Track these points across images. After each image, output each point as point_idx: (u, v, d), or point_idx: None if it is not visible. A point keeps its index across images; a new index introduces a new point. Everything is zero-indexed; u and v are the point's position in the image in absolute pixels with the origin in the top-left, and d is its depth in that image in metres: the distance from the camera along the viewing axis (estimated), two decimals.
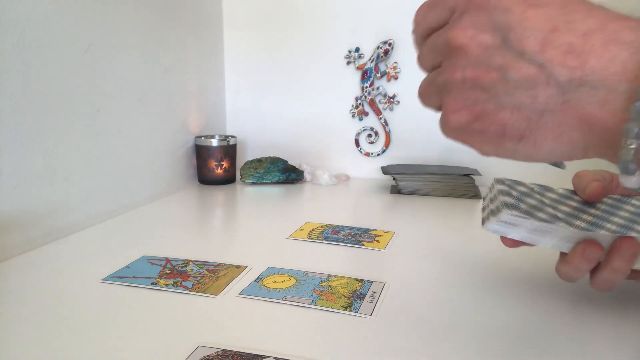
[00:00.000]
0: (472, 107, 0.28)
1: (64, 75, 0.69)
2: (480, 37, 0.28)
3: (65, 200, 0.71)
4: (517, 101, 0.27)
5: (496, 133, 0.28)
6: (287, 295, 0.51)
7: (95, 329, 0.44)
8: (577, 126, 0.26)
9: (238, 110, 1.22)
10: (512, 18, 0.27)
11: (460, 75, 0.29)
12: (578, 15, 0.26)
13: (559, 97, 0.26)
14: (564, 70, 0.26)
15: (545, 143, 0.27)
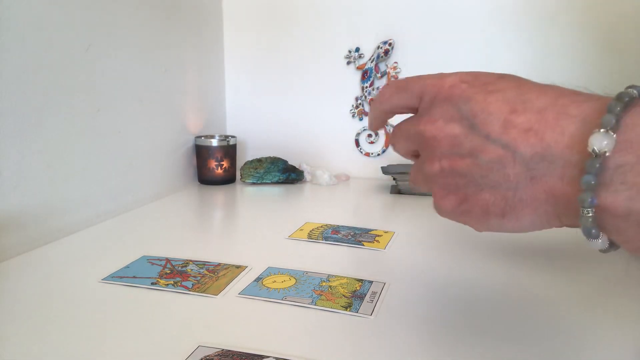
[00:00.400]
0: (456, 193, 0.31)
1: (64, 75, 0.69)
2: (449, 128, 0.31)
3: (65, 200, 0.71)
4: (492, 182, 0.29)
5: (481, 212, 0.31)
6: (287, 295, 0.51)
7: (95, 329, 0.44)
8: (545, 199, 0.28)
9: (238, 110, 1.22)
10: (475, 106, 0.30)
11: (438, 165, 0.32)
12: (532, 94, 0.29)
13: (527, 173, 0.28)
14: (526, 147, 0.28)
15: (525, 217, 0.29)
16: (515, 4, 1.02)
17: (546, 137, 0.27)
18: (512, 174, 0.28)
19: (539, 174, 0.28)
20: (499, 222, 0.30)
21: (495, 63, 1.05)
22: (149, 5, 0.88)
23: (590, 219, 0.26)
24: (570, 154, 0.26)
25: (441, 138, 0.31)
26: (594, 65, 1.00)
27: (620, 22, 0.98)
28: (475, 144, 0.29)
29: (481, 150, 0.29)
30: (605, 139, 0.25)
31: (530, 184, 0.28)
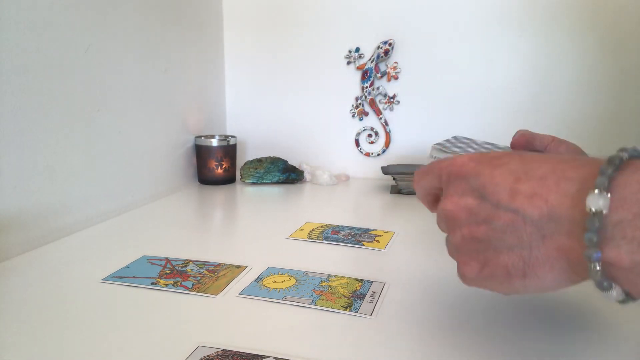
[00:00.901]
0: (476, 258, 0.34)
1: (64, 75, 0.69)
2: (463, 201, 0.34)
3: (65, 200, 0.71)
4: (508, 244, 0.32)
5: (504, 275, 0.32)
6: (287, 295, 0.51)
7: (95, 329, 0.44)
8: (558, 256, 0.30)
9: (238, 110, 1.22)
10: (484, 180, 0.34)
11: (459, 234, 0.35)
12: (534, 164, 0.32)
13: (539, 233, 0.30)
14: (533, 210, 0.30)
15: (546, 275, 0.31)
16: (515, 4, 1.02)
17: (550, 200, 0.30)
18: (525, 234, 0.31)
19: (549, 233, 0.30)
20: (522, 282, 0.32)
21: (495, 63, 1.05)
22: (149, 6, 0.88)
23: (599, 273, 0.28)
24: (574, 214, 0.29)
25: (458, 210, 0.35)
26: (594, 65, 1.00)
27: (620, 22, 0.98)
28: (488, 212, 0.33)
29: (494, 216, 0.32)
30: (600, 199, 0.27)
31: (543, 242, 0.30)
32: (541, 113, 1.04)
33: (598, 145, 0.99)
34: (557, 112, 1.03)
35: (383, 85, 1.11)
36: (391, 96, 1.11)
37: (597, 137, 1.02)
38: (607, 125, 1.01)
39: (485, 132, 1.06)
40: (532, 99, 1.04)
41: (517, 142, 0.57)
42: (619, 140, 1.01)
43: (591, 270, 0.28)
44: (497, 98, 1.06)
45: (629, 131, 1.01)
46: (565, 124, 1.03)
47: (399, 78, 1.10)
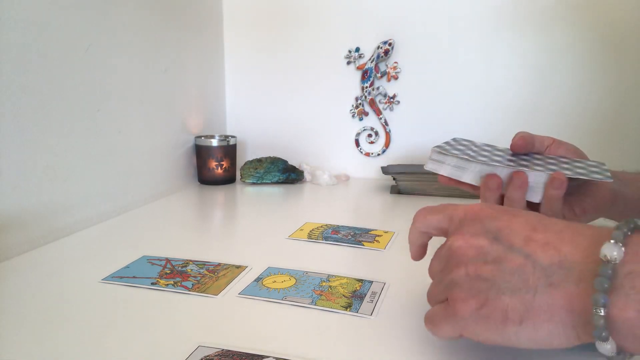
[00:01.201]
0: (477, 296, 0.33)
1: (64, 75, 0.69)
2: (475, 240, 0.35)
3: (65, 200, 0.71)
4: (513, 286, 0.32)
5: (500, 318, 0.32)
6: (287, 295, 0.51)
7: (95, 329, 0.44)
8: (562, 305, 0.30)
9: (238, 110, 1.22)
10: (500, 224, 0.35)
11: (464, 270, 0.34)
12: (550, 221, 0.34)
13: (546, 280, 0.31)
14: (544, 257, 0.32)
15: (543, 325, 0.31)
16: (515, 4, 1.02)
17: (563, 249, 0.31)
18: (531, 279, 0.31)
19: (557, 281, 0.31)
20: (516, 330, 0.32)
21: (494, 63, 1.05)
22: (149, 6, 0.88)
23: (602, 320, 0.28)
24: (585, 263, 0.30)
25: (467, 247, 0.35)
26: (594, 65, 1.00)
27: (620, 22, 0.98)
28: (499, 253, 0.33)
29: (504, 258, 0.33)
30: (615, 249, 0.29)
31: (549, 289, 0.31)
32: (541, 113, 1.04)
33: (598, 146, 0.99)
34: (557, 113, 1.03)
35: (383, 85, 1.11)
36: (391, 96, 1.11)
37: (597, 137, 1.02)
38: (607, 126, 1.01)
39: (485, 132, 1.06)
40: (532, 98, 1.04)
41: (516, 144, 0.57)
42: (619, 141, 1.01)
43: (595, 314, 0.28)
44: (497, 98, 1.06)
45: (629, 132, 1.01)
46: (565, 125, 1.03)
47: (399, 78, 1.10)
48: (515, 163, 0.54)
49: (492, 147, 0.62)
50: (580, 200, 0.56)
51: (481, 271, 0.33)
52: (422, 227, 0.42)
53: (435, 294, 0.38)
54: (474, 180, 0.56)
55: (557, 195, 0.51)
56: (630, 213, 0.59)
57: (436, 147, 0.58)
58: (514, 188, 0.52)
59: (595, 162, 0.56)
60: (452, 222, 0.39)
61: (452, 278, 0.35)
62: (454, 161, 0.56)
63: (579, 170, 0.53)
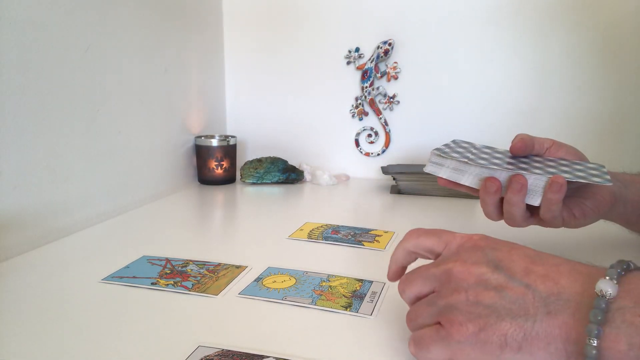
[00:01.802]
0: (476, 320, 0.33)
1: (64, 75, 0.69)
2: (476, 267, 0.35)
3: (65, 200, 0.71)
4: (514, 313, 0.33)
5: (498, 343, 0.33)
6: (287, 295, 0.51)
7: (95, 329, 0.44)
8: (559, 334, 0.31)
9: (238, 110, 1.22)
10: (500, 254, 0.36)
11: (464, 296, 0.35)
12: (547, 256, 0.36)
13: (545, 309, 0.32)
14: (544, 288, 0.33)
15: (538, 353, 0.32)
16: (514, 4, 1.02)
17: (561, 282, 0.33)
18: (531, 308, 0.33)
19: (555, 310, 0.32)
20: (513, 356, 0.32)
21: (494, 62, 1.05)
22: (149, 6, 0.88)
23: (594, 350, 0.29)
24: (581, 298, 0.32)
25: (469, 274, 0.35)
26: (594, 66, 1.00)
27: (620, 22, 0.98)
28: (500, 281, 0.34)
29: (505, 286, 0.34)
30: (609, 285, 0.31)
31: (547, 317, 0.32)
32: (541, 114, 1.04)
33: (598, 147, 1.00)
34: (557, 114, 1.03)
35: (383, 85, 1.11)
36: (391, 96, 1.11)
37: (597, 138, 1.02)
38: (607, 127, 1.02)
39: (485, 132, 1.06)
40: (532, 99, 1.04)
41: (516, 146, 0.57)
42: (618, 142, 1.01)
43: (587, 345, 0.30)
44: (497, 98, 1.06)
45: (628, 132, 1.01)
46: (564, 126, 1.03)
47: (399, 78, 1.10)
48: (515, 166, 0.54)
49: (491, 149, 0.62)
50: (579, 203, 0.55)
51: (482, 297, 0.34)
52: (412, 247, 0.42)
53: (423, 315, 0.37)
54: (473, 183, 0.56)
55: (556, 199, 0.51)
56: (630, 215, 0.59)
57: (435, 149, 0.58)
58: (513, 191, 0.53)
59: (595, 165, 0.56)
60: (448, 248, 0.39)
61: (449, 302, 0.35)
62: (453, 164, 0.57)
63: (578, 173, 0.53)
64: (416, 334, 0.37)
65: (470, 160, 0.56)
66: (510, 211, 0.54)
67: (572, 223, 0.56)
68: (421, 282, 0.39)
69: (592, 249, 0.65)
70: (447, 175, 0.57)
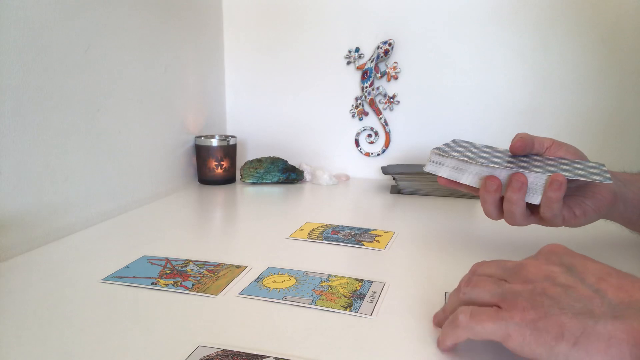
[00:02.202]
0: (537, 309, 0.34)
1: (64, 75, 0.69)
2: (550, 266, 0.37)
3: (65, 200, 0.71)
4: (577, 310, 0.33)
5: (555, 334, 0.32)
6: (287, 295, 0.51)
7: (95, 329, 0.44)
8: (625, 339, 0.31)
9: (238, 110, 1.22)
10: (576, 261, 0.37)
11: (532, 286, 0.35)
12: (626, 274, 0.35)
13: (611, 312, 0.32)
14: (615, 296, 0.33)
15: (596, 354, 0.31)
16: (514, 4, 1.02)
17: (635, 295, 0.33)
18: (597, 310, 0.32)
19: (624, 315, 0.31)
20: (567, 351, 0.32)
21: (494, 62, 1.05)
22: (149, 6, 0.88)
23: None
24: None
25: (540, 270, 0.36)
26: (594, 65, 1.00)
27: (620, 22, 0.98)
28: (569, 281, 0.35)
29: (574, 287, 0.34)
30: None
31: (613, 321, 0.31)
32: (541, 113, 1.04)
33: (598, 147, 1.00)
34: (557, 113, 1.03)
35: (383, 85, 1.11)
36: (391, 96, 1.11)
37: (597, 138, 1.02)
38: (607, 126, 1.02)
39: (485, 132, 1.06)
40: (532, 99, 1.04)
41: (515, 145, 0.57)
42: (619, 141, 1.01)
43: None
44: (497, 98, 1.06)
45: (629, 131, 1.01)
46: (564, 125, 1.03)
47: (399, 78, 1.10)
48: (515, 165, 0.54)
49: (491, 148, 0.62)
50: (580, 202, 0.55)
51: (548, 290, 0.35)
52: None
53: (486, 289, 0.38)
54: (473, 182, 0.56)
55: (556, 197, 0.51)
56: (631, 214, 0.59)
57: (435, 149, 0.58)
58: (513, 190, 0.53)
59: (594, 164, 0.56)
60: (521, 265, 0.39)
61: (515, 289, 0.36)
62: (453, 163, 0.57)
63: (578, 171, 0.53)
64: (473, 308, 0.37)
65: (470, 159, 0.56)
66: (510, 210, 0.54)
67: (572, 222, 0.56)
68: (495, 268, 0.40)
69: (593, 249, 0.65)
70: (447, 175, 0.57)
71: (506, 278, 0.38)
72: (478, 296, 0.38)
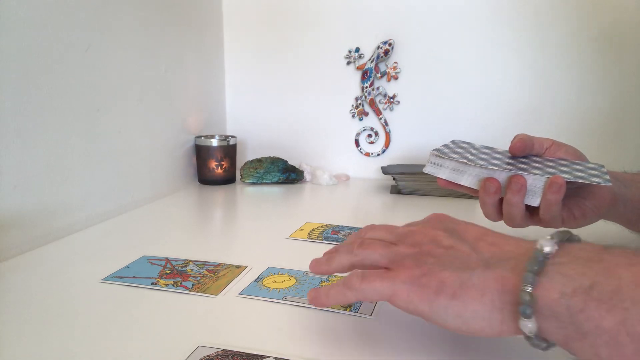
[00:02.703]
0: (423, 266, 0.37)
1: (64, 75, 0.69)
2: (434, 231, 0.40)
3: (65, 200, 0.71)
4: (456, 266, 0.36)
5: (436, 289, 0.35)
6: (287, 295, 0.51)
7: (95, 329, 0.44)
8: (495, 286, 0.34)
9: (238, 110, 1.22)
10: (458, 226, 0.41)
11: (418, 249, 0.39)
12: (501, 234, 0.39)
13: (485, 265, 0.35)
14: (488, 252, 0.37)
15: (472, 302, 0.34)
16: (514, 4, 1.02)
17: (505, 248, 0.37)
18: (472, 263, 0.36)
19: (494, 266, 0.35)
20: (447, 303, 0.35)
21: (495, 63, 1.05)
22: (149, 6, 0.88)
23: (528, 296, 0.31)
24: (522, 256, 0.34)
25: (426, 235, 0.40)
26: (593, 65, 1.00)
27: (620, 22, 0.98)
28: (451, 242, 0.39)
29: (454, 246, 0.38)
30: (549, 243, 0.33)
31: (485, 271, 0.35)
32: (540, 114, 1.04)
33: (597, 147, 1.00)
34: (557, 114, 1.03)
35: (383, 85, 1.11)
36: (391, 96, 1.11)
37: (596, 138, 1.02)
38: (607, 127, 1.02)
39: (484, 132, 1.06)
40: (532, 99, 1.04)
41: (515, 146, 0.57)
42: (619, 141, 1.01)
43: (522, 292, 0.32)
44: (497, 98, 1.06)
45: (628, 132, 1.01)
46: (564, 126, 1.03)
47: (399, 78, 1.10)
48: (514, 166, 0.54)
49: (491, 149, 0.62)
50: (579, 203, 0.55)
51: (432, 251, 0.38)
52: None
53: (377, 252, 0.40)
54: (472, 184, 0.56)
55: (555, 200, 0.51)
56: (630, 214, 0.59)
57: (435, 150, 0.58)
58: (512, 192, 0.53)
59: (594, 165, 0.56)
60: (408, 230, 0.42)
61: (403, 251, 0.39)
62: (452, 164, 0.57)
63: (577, 173, 0.53)
64: (363, 272, 0.39)
65: (469, 161, 0.56)
66: (509, 212, 0.54)
67: (572, 223, 0.56)
68: (385, 232, 0.43)
69: None
70: (446, 176, 0.57)
71: (395, 242, 0.41)
72: (369, 257, 0.41)
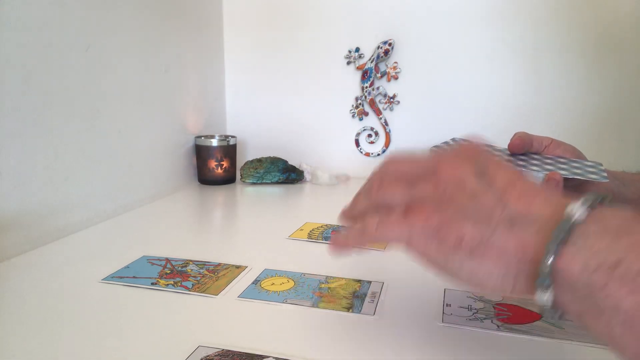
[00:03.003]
0: (442, 213, 0.34)
1: (64, 75, 0.69)
2: (463, 170, 0.35)
3: (65, 200, 0.71)
4: (478, 217, 0.33)
5: (454, 244, 0.33)
6: (287, 298, 0.51)
7: (95, 329, 0.44)
8: (514, 252, 0.32)
9: (238, 110, 1.22)
10: (489, 168, 0.36)
11: (442, 190, 0.35)
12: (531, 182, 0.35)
13: (509, 222, 0.32)
14: (515, 205, 0.33)
15: (487, 262, 0.32)
16: (514, 4, 1.02)
17: (534, 203, 0.33)
18: (496, 217, 0.33)
19: (518, 225, 0.32)
20: (462, 260, 0.33)
21: (494, 62, 1.05)
22: (149, 6, 0.88)
23: (548, 267, 0.29)
24: (549, 218, 0.31)
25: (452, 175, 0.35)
26: (593, 64, 1.00)
27: (619, 21, 0.98)
28: (478, 188, 0.34)
29: (481, 193, 0.34)
30: (579, 209, 0.30)
31: (507, 231, 0.32)
32: (540, 113, 1.04)
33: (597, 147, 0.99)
34: (556, 112, 1.03)
35: (383, 85, 1.11)
36: (391, 96, 1.11)
37: (595, 138, 1.02)
38: (606, 126, 1.02)
39: (484, 131, 1.06)
40: (531, 98, 1.04)
41: (514, 144, 0.57)
42: (618, 141, 1.01)
43: (543, 263, 0.30)
44: (496, 98, 1.06)
45: (628, 131, 1.01)
46: (563, 124, 1.03)
47: (399, 78, 1.10)
48: (512, 163, 0.54)
49: (490, 147, 0.62)
50: None
51: (457, 196, 0.34)
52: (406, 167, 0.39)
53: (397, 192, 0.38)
54: None
55: None
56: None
57: (435, 147, 0.58)
58: None
59: (592, 163, 0.56)
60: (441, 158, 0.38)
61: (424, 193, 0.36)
62: None
63: (575, 170, 0.53)
64: (384, 217, 0.37)
65: None
66: None
67: None
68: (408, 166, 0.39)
69: None
70: None
71: (418, 178, 0.37)
72: (388, 199, 0.38)
